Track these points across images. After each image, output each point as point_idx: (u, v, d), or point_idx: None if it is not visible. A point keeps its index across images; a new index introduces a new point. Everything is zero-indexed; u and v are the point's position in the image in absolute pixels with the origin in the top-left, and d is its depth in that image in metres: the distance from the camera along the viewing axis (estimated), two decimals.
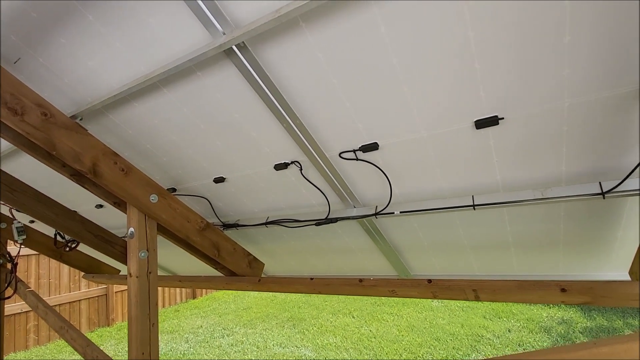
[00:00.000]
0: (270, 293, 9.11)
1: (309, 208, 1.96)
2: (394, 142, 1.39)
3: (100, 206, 2.61)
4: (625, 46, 0.90)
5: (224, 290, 9.91)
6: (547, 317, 6.15)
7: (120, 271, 3.81)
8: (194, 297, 9.63)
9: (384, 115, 1.29)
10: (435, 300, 7.36)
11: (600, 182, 1.26)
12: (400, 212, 1.66)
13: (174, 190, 2.17)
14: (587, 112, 1.08)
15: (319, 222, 1.88)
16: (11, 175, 1.99)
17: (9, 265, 3.09)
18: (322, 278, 2.11)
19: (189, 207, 2.02)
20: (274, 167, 1.71)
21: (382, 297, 7.78)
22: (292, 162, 1.65)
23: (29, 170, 2.29)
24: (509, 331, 5.61)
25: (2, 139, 1.55)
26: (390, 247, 2.06)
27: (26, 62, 1.49)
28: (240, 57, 1.17)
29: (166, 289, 8.88)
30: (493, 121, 1.17)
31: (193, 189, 2.12)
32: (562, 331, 5.49)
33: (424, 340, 5.42)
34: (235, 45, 1.13)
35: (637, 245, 1.39)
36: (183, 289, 9.38)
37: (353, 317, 6.76)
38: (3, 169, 2.03)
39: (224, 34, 1.11)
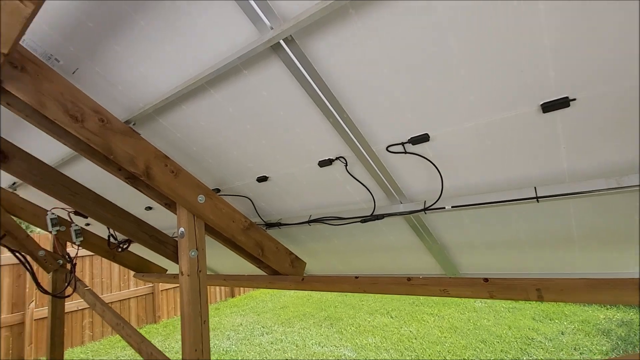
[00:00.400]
0: (306, 292, 9.17)
1: (353, 205, 1.91)
2: (447, 131, 1.31)
3: (150, 208, 2.72)
4: None
5: (261, 290, 10.11)
6: (604, 318, 5.68)
7: (167, 270, 3.97)
8: (233, 295, 9.91)
9: (438, 104, 1.22)
10: (479, 300, 7.04)
11: None
12: (452, 207, 1.57)
13: (218, 190, 2.21)
14: None
15: (364, 219, 1.83)
16: (73, 180, 2.12)
17: (68, 266, 3.31)
18: (368, 277, 2.06)
19: (234, 207, 2.05)
20: (318, 164, 1.69)
21: (421, 297, 7.57)
22: (337, 158, 1.62)
23: (85, 175, 2.44)
24: (562, 334, 5.24)
25: (65, 145, 1.65)
26: (438, 244, 1.96)
27: (83, 71, 1.57)
28: (288, 51, 1.16)
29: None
30: (563, 103, 1.07)
31: (237, 189, 2.15)
32: (623, 334, 5.04)
33: (469, 342, 5.19)
34: (282, 40, 1.12)
35: None
36: (222, 288, 9.68)
37: (391, 317, 6.63)
38: (64, 174, 2.17)
39: (272, 28, 1.10)
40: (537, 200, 1.37)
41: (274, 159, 1.77)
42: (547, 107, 1.09)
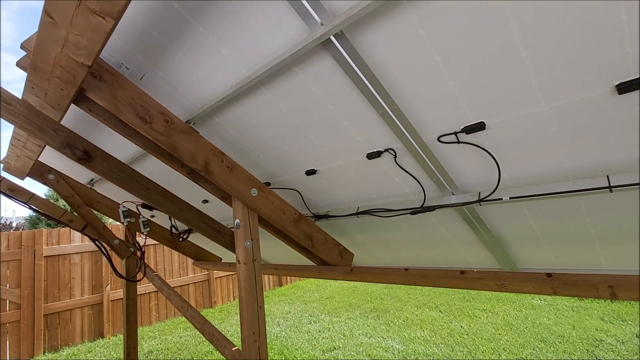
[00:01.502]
0: (352, 284, 9.23)
1: (402, 197, 1.89)
2: (505, 119, 1.25)
3: (206, 201, 2.92)
4: None
5: (307, 280, 10.38)
6: None
7: (222, 259, 4.25)
8: (280, 284, 10.29)
9: (495, 90, 1.16)
10: (537, 297, 6.60)
11: None
12: (510, 198, 1.50)
13: (269, 184, 2.31)
14: None
15: (414, 211, 1.80)
16: (144, 176, 2.35)
17: (138, 253, 3.68)
18: (418, 269, 2.04)
19: (284, 199, 2.13)
20: (367, 156, 1.69)
21: (472, 292, 7.26)
22: (385, 150, 1.61)
23: (152, 171, 2.68)
24: (637, 337, 4.73)
25: (135, 145, 1.83)
26: (494, 237, 1.88)
27: (149, 76, 1.72)
28: (338, 46, 1.17)
29: None
30: None
31: (286, 182, 2.23)
32: None
33: (527, 340, 4.90)
34: (332, 35, 1.13)
35: None
36: (270, 277, 10.09)
37: (440, 312, 6.46)
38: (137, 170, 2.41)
39: (322, 24, 1.12)
40: (610, 190, 1.25)
41: (322, 152, 1.81)
42: (624, 88, 0.99)
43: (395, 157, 1.63)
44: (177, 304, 3.07)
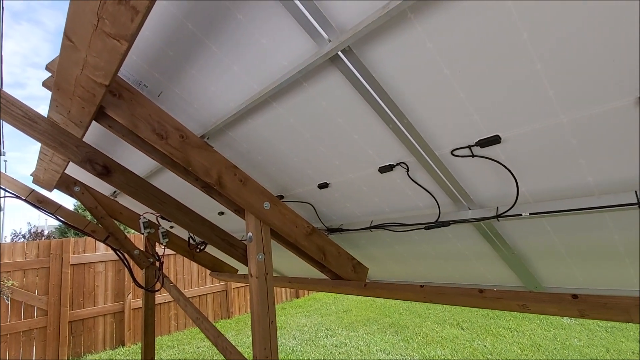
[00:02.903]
0: (370, 297, 9.04)
1: (416, 211, 1.85)
2: (521, 132, 1.20)
3: (222, 213, 2.96)
4: None
5: (324, 292, 10.25)
6: None
7: (238, 270, 4.27)
8: (297, 296, 10.22)
9: (509, 103, 1.12)
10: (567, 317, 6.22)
11: None
12: (531, 214, 1.43)
13: (282, 197, 2.31)
14: None
15: (428, 226, 1.75)
16: (160, 190, 2.41)
17: (157, 264, 3.76)
18: (434, 286, 1.96)
19: (296, 213, 2.12)
20: (379, 170, 1.67)
21: (496, 310, 6.94)
22: (397, 164, 1.58)
23: (167, 184, 2.75)
24: None
25: (152, 159, 1.88)
26: (515, 254, 1.79)
27: (166, 93, 1.78)
28: (345, 61, 1.17)
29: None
30: None
31: (299, 195, 2.23)
32: None
33: None
34: (340, 51, 1.13)
35: None
36: (287, 289, 10.04)
37: (462, 329, 6.19)
38: (153, 184, 2.48)
39: (330, 40, 1.13)
40: (639, 207, 1.17)
41: (334, 165, 1.80)
42: None
43: (408, 170, 1.59)
44: (192, 315, 3.09)
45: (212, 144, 1.92)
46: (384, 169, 1.64)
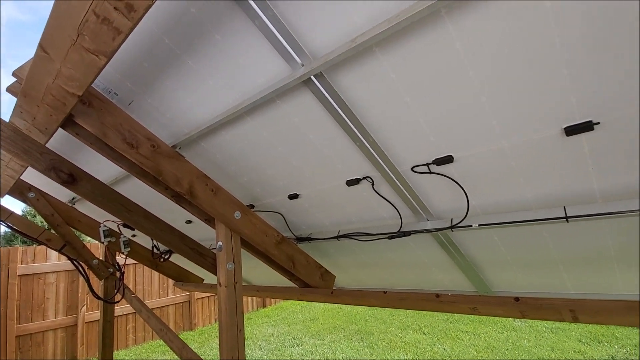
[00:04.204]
0: (336, 305, 9.13)
1: (381, 221, 1.97)
2: (471, 154, 1.36)
3: (190, 222, 2.93)
4: None
5: (292, 301, 10.21)
6: None
7: (204, 280, 4.19)
8: (264, 306, 10.09)
9: (460, 128, 1.27)
10: (518, 319, 6.68)
11: None
12: (479, 225, 1.59)
13: (253, 206, 2.35)
14: None
15: (391, 236, 1.88)
16: (127, 198, 2.36)
17: (117, 274, 3.61)
18: (396, 292, 2.09)
19: (266, 222, 2.18)
20: (346, 183, 1.78)
21: (456, 314, 7.29)
22: (364, 178, 1.70)
23: (134, 191, 2.69)
24: (613, 358, 4.84)
25: (120, 168, 1.86)
26: (468, 261, 1.96)
27: (138, 102, 1.78)
28: (317, 84, 1.27)
29: None
30: (586, 127, 1.08)
31: (269, 205, 2.28)
32: None
33: None
34: (312, 75, 1.23)
35: None
36: (254, 298, 9.89)
37: (424, 334, 6.45)
38: (119, 192, 2.42)
39: (302, 65, 1.22)
40: (567, 220, 1.36)
41: (304, 177, 1.88)
42: (571, 131, 1.11)
43: (373, 184, 1.71)
44: (155, 327, 3.00)
45: (184, 154, 1.94)
46: (351, 182, 1.75)
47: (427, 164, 1.49)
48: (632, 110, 1.02)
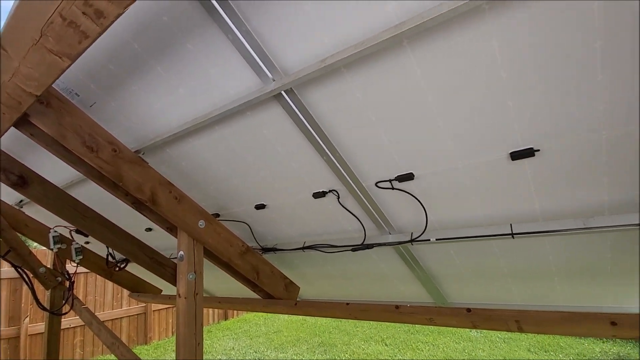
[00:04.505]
0: (301, 317, 9.05)
1: (345, 234, 2.02)
2: (430, 172, 1.45)
3: (150, 229, 2.82)
4: None
5: (254, 313, 9.97)
6: (600, 352, 5.63)
7: (162, 291, 4.01)
8: (226, 318, 9.76)
9: (420, 148, 1.36)
10: (474, 330, 6.97)
11: None
12: (437, 240, 1.68)
13: (218, 215, 2.32)
14: (626, 143, 1.09)
15: (355, 248, 1.93)
16: (82, 203, 2.23)
17: (67, 283, 3.36)
18: (358, 303, 2.14)
19: (232, 232, 2.15)
20: (312, 195, 1.81)
21: (417, 325, 7.47)
22: (330, 191, 1.74)
23: (90, 195, 2.55)
24: None
25: (78, 171, 1.77)
26: (427, 273, 2.06)
27: (101, 105, 1.72)
28: (287, 99, 1.31)
29: None
30: (529, 153, 1.20)
31: (235, 214, 2.26)
32: None
33: None
34: (283, 91, 1.27)
35: None
36: (215, 310, 9.55)
37: (386, 345, 6.55)
38: (74, 196, 2.29)
39: (274, 80, 1.26)
40: (513, 237, 1.48)
41: (272, 188, 1.90)
42: (515, 156, 1.22)
43: (339, 197, 1.76)
44: (106, 340, 2.82)
45: (148, 160, 1.88)
46: (317, 195, 1.79)
47: (390, 180, 1.56)
48: (566, 141, 1.15)
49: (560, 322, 1.52)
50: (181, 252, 1.93)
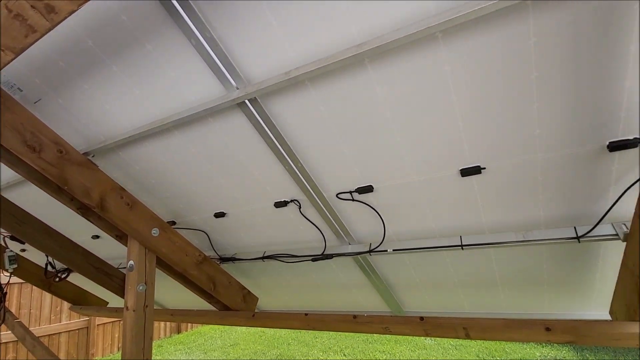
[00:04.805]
0: (259, 329, 8.82)
1: (306, 244, 2.03)
2: (388, 185, 1.50)
3: (97, 237, 2.63)
4: (588, 114, 1.06)
5: (211, 325, 9.55)
6: (540, 356, 6.07)
7: (108, 303, 3.72)
8: (179, 331, 9.25)
9: (379, 161, 1.41)
10: (429, 338, 7.22)
11: (575, 227, 1.37)
12: (393, 250, 1.74)
13: (174, 223, 2.22)
14: (559, 165, 1.21)
15: (315, 258, 1.94)
16: (20, 208, 2.03)
17: None
18: (317, 314, 2.13)
19: (188, 240, 2.07)
20: (274, 205, 1.80)
21: (375, 335, 7.59)
22: (291, 201, 1.75)
23: (28, 200, 2.33)
24: None
25: (16, 173, 1.62)
26: (384, 283, 2.11)
27: (47, 102, 1.60)
28: (251, 108, 1.30)
29: None
30: (476, 170, 1.30)
31: (193, 222, 2.18)
32: None
33: None
34: (247, 99, 1.26)
35: (614, 287, 1.49)
36: (167, 323, 9.02)
37: (344, 355, 6.56)
38: (10, 200, 2.08)
39: (237, 88, 1.25)
40: (462, 248, 1.57)
41: (232, 197, 1.86)
42: (464, 172, 1.32)
43: (300, 207, 1.77)
44: (42, 357, 2.55)
45: (99, 163, 1.77)
46: (279, 204, 1.79)
47: (351, 192, 1.60)
48: (508, 161, 1.26)
49: (503, 328, 1.63)
50: (131, 262, 1.82)
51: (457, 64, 1.05)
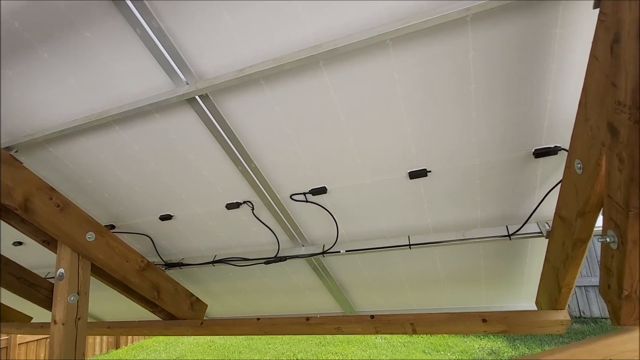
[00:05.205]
0: (208, 338, 8.43)
1: (259, 247, 1.99)
2: (341, 187, 1.53)
3: (20, 243, 2.33)
4: (518, 124, 1.17)
5: (154, 338, 8.92)
6: (478, 348, 6.56)
7: (32, 318, 3.30)
8: (117, 347, 8.51)
9: (333, 163, 1.44)
10: (379, 337, 7.45)
11: (507, 226, 1.51)
12: (346, 251, 1.78)
13: (113, 227, 2.05)
14: (493, 169, 1.33)
15: (268, 261, 1.91)
16: None
17: None
18: (269, 318, 2.10)
19: (129, 246, 1.92)
20: (226, 206, 1.74)
21: (327, 337, 7.65)
22: (244, 202, 1.70)
23: None
24: None
25: None
26: (336, 284, 2.14)
27: None
28: (202, 105, 1.25)
29: None
30: (422, 173, 1.38)
31: (135, 226, 2.03)
32: None
33: None
34: (197, 95, 1.21)
35: (539, 280, 1.66)
36: (104, 338, 8.25)
37: None
38: None
39: (187, 83, 1.19)
40: (410, 247, 1.65)
41: (180, 198, 1.77)
42: (412, 175, 1.39)
43: (253, 209, 1.73)
44: None
45: (23, 160, 1.57)
46: (231, 206, 1.73)
47: (305, 193, 1.60)
48: (450, 166, 1.35)
49: (447, 322, 1.74)
50: (61, 270, 1.64)
51: (405, 72, 1.10)
